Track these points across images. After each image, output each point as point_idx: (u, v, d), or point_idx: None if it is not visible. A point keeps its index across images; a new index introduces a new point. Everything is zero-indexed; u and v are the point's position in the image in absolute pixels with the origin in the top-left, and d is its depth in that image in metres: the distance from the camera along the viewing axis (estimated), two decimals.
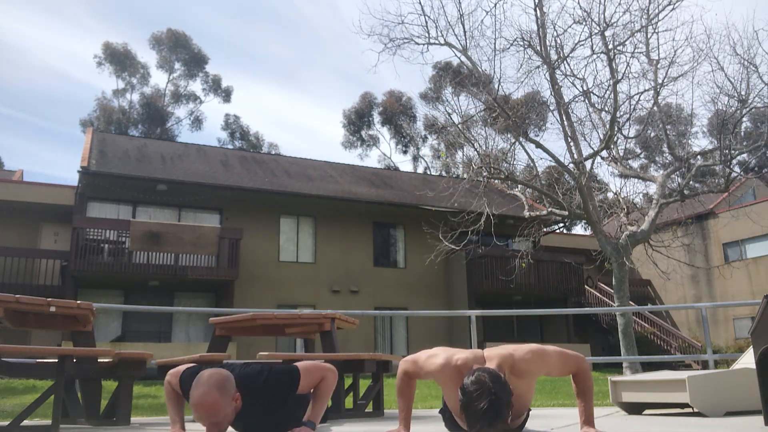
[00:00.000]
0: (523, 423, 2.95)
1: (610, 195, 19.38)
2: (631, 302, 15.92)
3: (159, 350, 13.23)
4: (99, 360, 3.66)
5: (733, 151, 14.56)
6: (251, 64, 66.92)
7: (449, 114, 15.93)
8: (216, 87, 39.22)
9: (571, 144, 14.27)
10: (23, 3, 56.73)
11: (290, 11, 67.00)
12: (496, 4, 15.58)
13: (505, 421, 2.30)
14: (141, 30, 57.93)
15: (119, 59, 36.72)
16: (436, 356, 2.72)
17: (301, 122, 66.45)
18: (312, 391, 2.69)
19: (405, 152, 40.31)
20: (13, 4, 55.06)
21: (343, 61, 68.00)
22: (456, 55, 15.42)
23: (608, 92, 14.12)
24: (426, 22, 15.04)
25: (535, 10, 14.08)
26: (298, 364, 2.70)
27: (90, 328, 3.97)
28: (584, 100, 14.65)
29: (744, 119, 15.81)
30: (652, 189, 16.29)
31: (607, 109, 14.38)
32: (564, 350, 2.79)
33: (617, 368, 16.72)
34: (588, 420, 2.63)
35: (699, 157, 15.57)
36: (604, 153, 15.33)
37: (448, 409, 2.94)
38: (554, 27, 14.19)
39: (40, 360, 3.45)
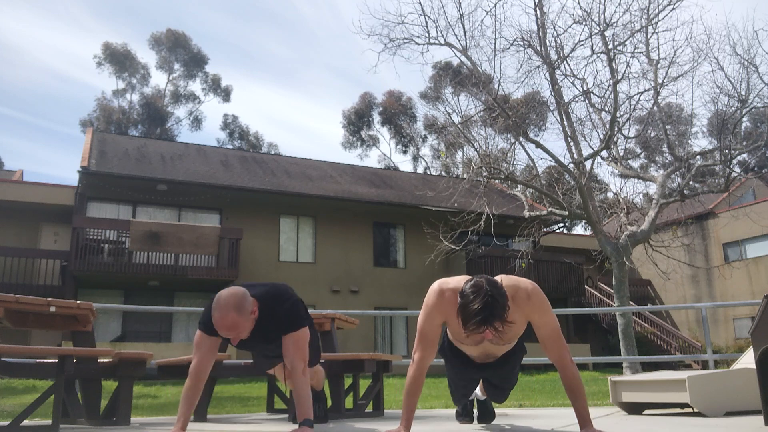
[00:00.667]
0: (514, 356, 2.98)
1: (610, 195, 19.39)
2: (631, 302, 15.94)
3: (159, 350, 13.24)
4: (99, 360, 3.66)
5: (733, 151, 14.57)
6: (251, 64, 66.99)
7: (449, 114, 15.95)
8: (215, 87, 39.24)
9: (571, 144, 14.28)
10: (22, 2, 56.78)
11: (289, 11, 67.04)
12: (496, 4, 15.58)
13: (500, 321, 2.33)
14: (140, 30, 57.96)
15: (119, 59, 36.72)
16: (426, 310, 2.65)
17: (300, 122, 66.52)
18: (293, 390, 2.73)
19: (405, 152, 40.33)
20: (11, 4, 55.09)
21: (342, 61, 68.06)
22: (456, 55, 15.45)
23: (608, 92, 14.14)
24: (426, 22, 15.06)
25: (535, 10, 14.09)
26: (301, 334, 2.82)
27: (90, 328, 3.97)
28: (584, 100, 14.68)
29: (744, 119, 15.82)
30: (652, 189, 16.31)
31: (607, 109, 14.39)
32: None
33: (617, 368, 16.72)
34: (586, 421, 2.58)
35: (699, 157, 15.58)
36: (604, 153, 15.34)
37: (447, 340, 2.97)
38: (554, 27, 14.21)
39: (40, 360, 3.45)
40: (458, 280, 2.62)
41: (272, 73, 68.32)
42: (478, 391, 3.37)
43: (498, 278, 2.57)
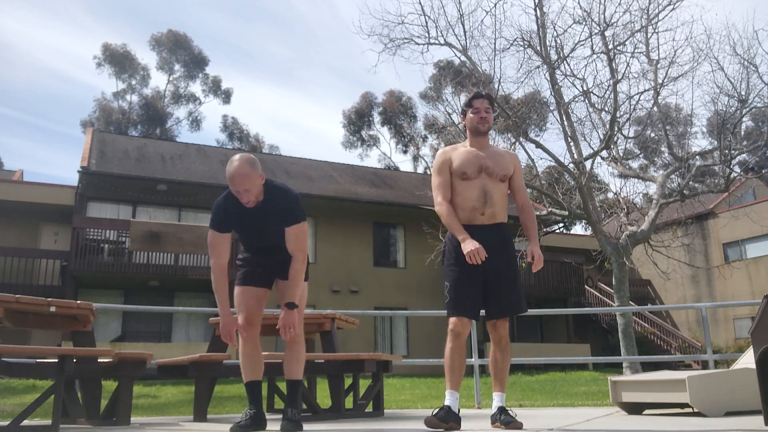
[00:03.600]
0: (511, 260, 3.42)
1: (610, 195, 19.39)
2: (631, 302, 15.93)
3: (159, 350, 13.23)
4: (99, 360, 3.66)
5: (733, 151, 14.57)
6: (250, 64, 66.98)
7: (449, 114, 15.95)
8: (216, 88, 39.22)
9: (571, 144, 14.28)
10: (21, 2, 56.78)
11: (288, 11, 67.03)
12: (496, 4, 15.60)
13: (493, 102, 3.39)
14: (140, 30, 57.95)
15: (119, 60, 36.71)
16: (436, 166, 3.42)
17: (301, 122, 66.52)
18: (290, 273, 3.14)
19: (405, 152, 40.32)
20: (11, 4, 55.08)
21: (342, 60, 68.05)
22: (456, 55, 15.45)
23: (608, 92, 14.14)
24: (426, 22, 15.06)
25: (535, 10, 14.10)
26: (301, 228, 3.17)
27: (90, 328, 3.98)
28: (584, 100, 14.68)
29: (744, 119, 15.83)
30: (652, 189, 16.30)
31: (607, 109, 14.39)
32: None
33: (617, 368, 16.71)
34: (533, 240, 3.43)
35: (699, 157, 15.58)
36: (604, 153, 15.34)
37: (448, 248, 3.39)
38: (554, 27, 14.21)
39: (40, 360, 3.45)
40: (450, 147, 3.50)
41: (272, 73, 68.37)
42: (496, 398, 3.23)
43: None
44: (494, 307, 3.23)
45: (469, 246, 3.09)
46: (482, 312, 3.30)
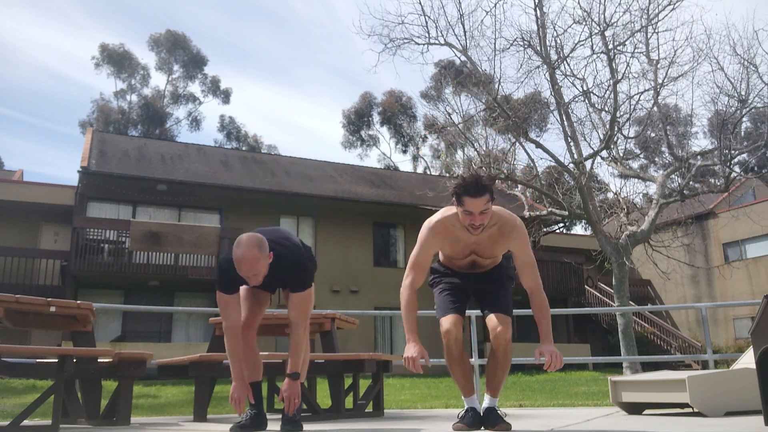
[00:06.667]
0: (500, 268, 3.22)
1: (610, 195, 19.39)
2: (631, 302, 15.94)
3: (159, 350, 13.23)
4: (99, 360, 3.66)
5: (733, 151, 14.57)
6: (247, 63, 66.97)
7: (449, 114, 15.95)
8: (215, 89, 39.23)
9: (571, 144, 14.28)
10: (19, 1, 56.76)
11: (287, 11, 67.02)
12: (496, 4, 15.61)
13: (489, 195, 2.78)
14: (135, 28, 57.94)
15: (117, 60, 36.71)
16: (421, 243, 3.02)
17: (300, 122, 66.51)
18: (290, 343, 3.07)
19: (405, 152, 40.33)
20: (4, 1, 55.05)
21: (343, 60, 68.05)
22: (456, 56, 15.45)
23: (608, 92, 14.15)
24: (426, 22, 15.06)
25: (535, 10, 14.10)
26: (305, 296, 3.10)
27: (90, 328, 3.98)
28: (584, 100, 14.68)
29: (744, 119, 15.83)
30: (652, 189, 16.31)
31: (607, 109, 14.39)
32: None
33: (617, 368, 16.72)
34: (547, 336, 2.93)
35: (699, 157, 15.58)
36: (604, 153, 15.34)
37: (440, 264, 3.26)
38: (554, 27, 14.22)
39: (40, 360, 3.45)
40: (444, 211, 3.01)
41: (271, 74, 68.37)
42: (486, 399, 3.13)
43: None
44: (488, 305, 3.13)
45: (409, 351, 2.87)
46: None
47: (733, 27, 40.41)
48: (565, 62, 14.19)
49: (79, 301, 3.88)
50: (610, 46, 14.02)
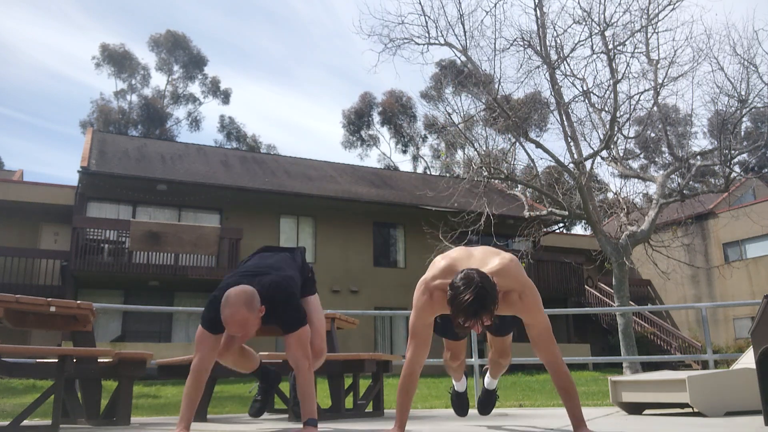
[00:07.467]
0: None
1: (610, 195, 19.39)
2: (631, 302, 15.94)
3: (159, 350, 13.23)
4: (99, 360, 3.66)
5: (733, 151, 14.58)
6: (249, 64, 66.97)
7: (449, 114, 15.95)
8: (215, 89, 39.24)
9: (571, 144, 14.28)
10: (19, 1, 56.77)
11: (287, 11, 67.02)
12: (496, 4, 15.61)
13: (490, 313, 2.31)
14: (135, 27, 57.89)
15: (117, 60, 36.72)
16: (417, 310, 2.63)
17: (300, 122, 66.50)
18: (297, 387, 2.74)
19: (405, 152, 40.33)
20: (7, 3, 55.06)
21: (342, 60, 68.05)
22: (456, 56, 15.46)
23: (608, 92, 14.15)
24: (426, 22, 15.06)
25: (535, 10, 14.10)
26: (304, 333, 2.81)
27: (90, 328, 3.97)
28: (584, 100, 14.69)
29: (744, 119, 15.82)
30: (652, 189, 16.31)
31: (607, 109, 14.40)
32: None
33: (617, 368, 16.72)
34: (580, 421, 2.57)
35: (699, 157, 15.58)
36: (604, 153, 15.34)
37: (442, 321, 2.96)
38: (554, 27, 14.22)
39: (40, 360, 3.45)
40: (444, 272, 2.58)
41: (271, 73, 68.36)
42: (487, 378, 3.45)
43: (491, 268, 2.52)
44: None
45: None
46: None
47: (733, 27, 40.41)
48: (565, 62, 14.20)
49: (79, 301, 3.88)
50: (610, 46, 14.02)
